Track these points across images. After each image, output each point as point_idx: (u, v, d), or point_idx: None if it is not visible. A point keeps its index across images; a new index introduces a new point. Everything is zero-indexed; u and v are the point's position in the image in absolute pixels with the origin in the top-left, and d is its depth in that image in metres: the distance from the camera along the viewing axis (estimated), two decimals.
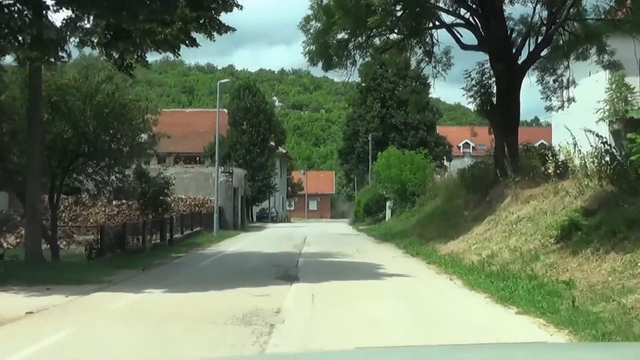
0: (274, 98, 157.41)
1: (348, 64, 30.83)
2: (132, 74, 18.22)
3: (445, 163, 67.98)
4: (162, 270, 18.44)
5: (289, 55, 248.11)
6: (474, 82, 26.64)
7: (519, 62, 26.74)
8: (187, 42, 15.06)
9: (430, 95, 71.71)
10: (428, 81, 69.92)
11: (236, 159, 58.41)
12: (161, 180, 27.28)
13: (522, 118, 37.21)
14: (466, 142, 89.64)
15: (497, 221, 22.01)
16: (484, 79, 26.73)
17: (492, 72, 26.50)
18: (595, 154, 18.42)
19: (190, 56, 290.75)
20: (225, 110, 63.33)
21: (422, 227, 30.65)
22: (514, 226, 20.08)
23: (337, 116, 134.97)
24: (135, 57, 14.88)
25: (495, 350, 3.84)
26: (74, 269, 17.41)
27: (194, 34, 15.40)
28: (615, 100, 34.62)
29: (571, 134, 20.34)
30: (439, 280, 16.07)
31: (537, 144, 61.39)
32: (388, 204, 43.58)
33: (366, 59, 32.49)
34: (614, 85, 34.09)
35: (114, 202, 38.19)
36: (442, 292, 14.05)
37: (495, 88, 26.53)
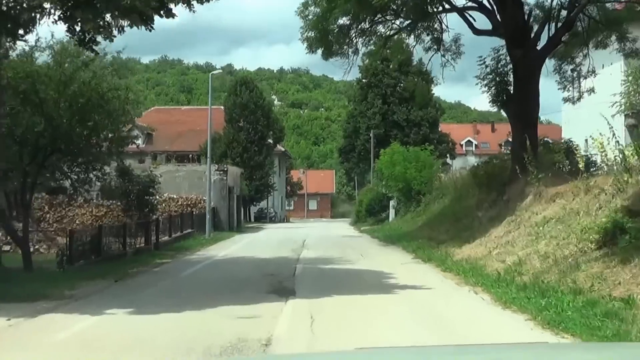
0: (273, 97, 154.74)
1: (350, 53, 28.31)
2: (96, 50, 15.55)
3: (448, 161, 65.37)
4: (138, 281, 15.84)
5: (288, 55, 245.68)
6: (488, 69, 24.06)
7: (538, 48, 24.22)
8: (160, 11, 12.46)
9: (433, 92, 69.68)
10: (431, 76, 68.26)
11: (233, 157, 55.90)
12: (146, 178, 24.69)
13: None
14: (469, 140, 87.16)
15: (518, 222, 19.43)
16: (499, 66, 24.15)
17: (508, 58, 23.95)
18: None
19: (189, 56, 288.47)
20: (222, 108, 60.88)
21: (430, 229, 28.10)
22: (541, 228, 17.49)
23: (337, 115, 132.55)
24: (98, 27, 12.22)
25: (495, 350, 3.70)
26: (39, 280, 14.86)
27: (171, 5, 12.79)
28: (632, 93, 32.12)
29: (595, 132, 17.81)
30: (461, 293, 13.49)
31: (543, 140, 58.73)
32: (391, 203, 41.03)
33: (369, 48, 29.95)
34: (630, 77, 31.56)
35: (102, 202, 35.77)
36: (469, 311, 11.47)
37: (511, 76, 24.00)
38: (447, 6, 26.15)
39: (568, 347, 5.49)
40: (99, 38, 12.98)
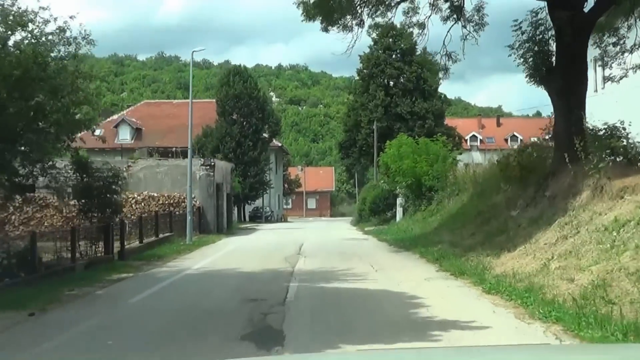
0: (271, 93, 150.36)
1: (353, 25, 23.59)
2: None
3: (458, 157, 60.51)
4: (62, 314, 10.99)
5: (287, 53, 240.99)
6: (524, 36, 19.32)
7: (585, 10, 19.53)
8: None
9: (440, 80, 64.82)
10: (435, 67, 63.61)
11: (225, 153, 51.18)
12: (108, 173, 19.94)
13: (523, 111, 30.23)
14: (473, 135, 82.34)
15: (576, 225, 14.66)
16: (538, 32, 19.40)
17: (549, 23, 19.23)
18: None
19: (186, 53, 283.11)
20: (214, 101, 56.05)
21: (450, 231, 23.37)
22: (616, 234, 12.73)
23: (336, 111, 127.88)
24: None
25: (496, 352, 3.61)
26: None
27: None
28: None
29: None
30: (537, 337, 8.72)
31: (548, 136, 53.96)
32: (399, 201, 36.29)
33: (376, 19, 25.18)
34: None
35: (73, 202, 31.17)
36: None
37: (554, 45, 19.29)
38: None
39: (569, 348, 5.02)
40: None
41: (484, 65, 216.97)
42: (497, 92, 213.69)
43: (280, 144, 64.09)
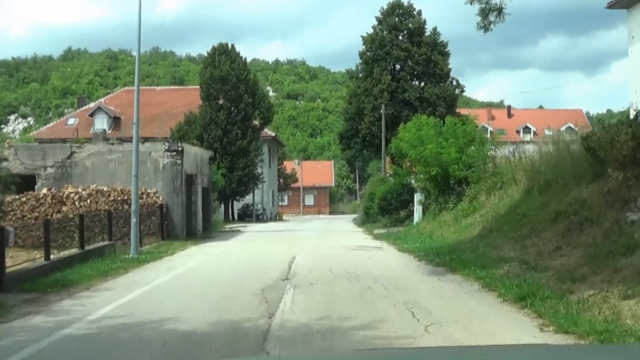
0: (268, 88, 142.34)
1: None
2: None
3: None
4: None
5: (285, 49, 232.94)
6: None
7: None
8: None
9: (449, 66, 56.81)
10: (447, 49, 55.42)
11: (210, 142, 43.01)
12: None
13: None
14: (483, 126, 74.05)
15: None
16: None
17: None
18: None
19: (182, 48, 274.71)
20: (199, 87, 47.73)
21: (511, 242, 15.27)
22: None
23: (335, 105, 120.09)
24: None
25: (495, 352, 3.46)
26: None
27: None
28: None
29: None
30: None
31: (563, 128, 45.77)
32: (417, 197, 28.09)
33: None
34: None
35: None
36: None
37: None
38: None
39: (568, 349, 4.69)
40: None
41: (483, 62, 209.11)
42: (497, 88, 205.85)
43: (274, 134, 55.83)
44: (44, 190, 23.30)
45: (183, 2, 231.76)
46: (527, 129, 72.53)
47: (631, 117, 16.69)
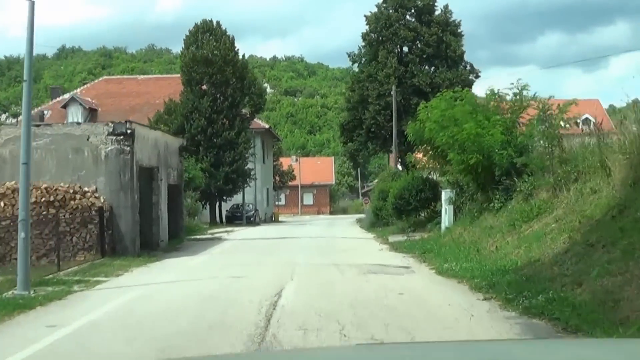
0: (266, 84, 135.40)
1: None
2: None
3: None
4: None
5: (283, 48, 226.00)
6: None
7: None
8: None
9: (463, 47, 49.82)
10: (459, 30, 48.37)
11: (192, 133, 36.08)
12: None
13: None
14: None
15: None
16: None
17: None
18: None
19: (178, 46, 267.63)
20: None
21: None
22: None
23: (334, 102, 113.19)
24: None
25: (494, 346, 3.35)
26: None
27: None
28: None
29: None
30: None
31: (580, 120, 38.86)
32: (445, 194, 20.97)
33: None
34: None
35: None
36: None
37: None
38: None
39: (567, 343, 4.73)
40: None
41: (482, 59, 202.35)
42: (496, 85, 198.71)
43: (267, 126, 48.79)
44: None
45: (182, 1, 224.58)
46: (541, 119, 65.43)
47: None
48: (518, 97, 18.75)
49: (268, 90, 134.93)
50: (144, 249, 18.89)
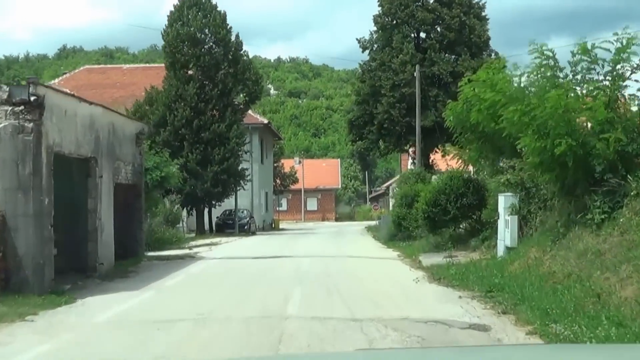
0: (269, 86, 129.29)
1: None
2: None
3: None
4: None
5: (288, 50, 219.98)
6: None
7: None
8: None
9: (488, 32, 43.49)
10: (484, 13, 42.02)
11: (176, 126, 29.80)
12: None
13: None
14: None
15: None
16: None
17: None
18: None
19: None
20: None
21: None
22: None
23: (339, 103, 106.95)
24: None
25: (494, 352, 3.29)
26: None
27: None
28: None
29: None
30: None
31: None
32: (506, 201, 14.41)
33: None
34: None
35: None
36: None
37: None
38: None
39: (566, 348, 4.43)
40: None
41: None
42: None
43: (266, 121, 42.32)
44: None
45: None
46: None
47: None
48: (625, 54, 12.22)
49: (272, 91, 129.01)
50: (74, 276, 12.54)
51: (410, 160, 43.43)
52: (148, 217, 22.70)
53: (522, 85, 13.44)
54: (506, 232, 14.11)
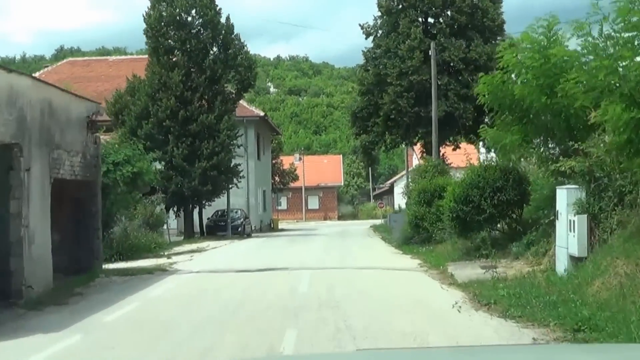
0: (269, 84, 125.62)
1: None
2: None
3: None
4: None
5: (288, 50, 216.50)
6: None
7: None
8: None
9: (502, 16, 39.89)
10: None
11: (160, 118, 26.11)
12: None
13: None
14: None
15: None
16: None
17: None
18: None
19: None
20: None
21: None
22: None
23: (340, 100, 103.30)
24: None
25: (494, 352, 3.19)
26: None
27: None
28: None
29: None
30: None
31: None
32: (571, 196, 10.69)
33: None
34: None
35: None
36: None
37: None
38: None
39: (568, 348, 4.46)
40: None
41: None
42: None
43: (262, 114, 38.54)
44: None
45: None
46: None
47: None
48: None
49: (272, 89, 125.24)
50: None
51: (415, 156, 39.80)
52: (121, 220, 19.04)
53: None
54: (571, 236, 10.37)
